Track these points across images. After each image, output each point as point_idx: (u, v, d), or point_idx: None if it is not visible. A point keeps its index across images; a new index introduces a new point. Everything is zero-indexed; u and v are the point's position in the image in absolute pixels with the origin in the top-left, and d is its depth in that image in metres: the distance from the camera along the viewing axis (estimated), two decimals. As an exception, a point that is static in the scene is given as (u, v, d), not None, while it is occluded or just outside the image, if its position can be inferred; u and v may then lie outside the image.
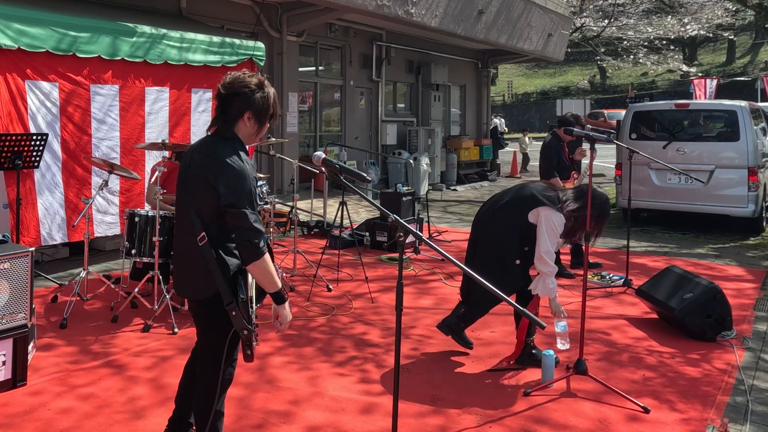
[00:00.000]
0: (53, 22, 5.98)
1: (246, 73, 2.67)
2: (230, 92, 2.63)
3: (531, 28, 15.55)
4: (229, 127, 2.65)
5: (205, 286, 2.59)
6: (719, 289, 4.85)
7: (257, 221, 2.52)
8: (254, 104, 2.62)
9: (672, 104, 9.82)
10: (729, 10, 26.33)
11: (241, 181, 2.51)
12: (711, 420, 3.57)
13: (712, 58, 43.08)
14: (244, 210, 2.49)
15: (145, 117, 6.77)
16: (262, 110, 2.65)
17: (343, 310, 5.52)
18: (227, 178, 2.51)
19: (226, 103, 2.64)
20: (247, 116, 2.64)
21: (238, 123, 2.65)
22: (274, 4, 10.74)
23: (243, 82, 2.62)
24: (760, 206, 8.78)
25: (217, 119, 2.68)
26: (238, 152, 2.59)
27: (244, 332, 2.57)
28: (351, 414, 3.59)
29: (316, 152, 2.78)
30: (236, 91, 2.62)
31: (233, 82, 2.63)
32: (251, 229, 2.50)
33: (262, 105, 2.64)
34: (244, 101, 2.62)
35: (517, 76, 48.66)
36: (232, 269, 2.59)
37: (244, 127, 2.66)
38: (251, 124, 2.66)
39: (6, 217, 5.84)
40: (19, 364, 3.81)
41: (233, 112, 2.63)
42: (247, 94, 2.61)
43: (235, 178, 2.51)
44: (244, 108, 2.62)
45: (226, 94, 2.63)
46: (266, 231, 7.24)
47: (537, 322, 2.25)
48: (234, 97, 2.62)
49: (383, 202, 8.39)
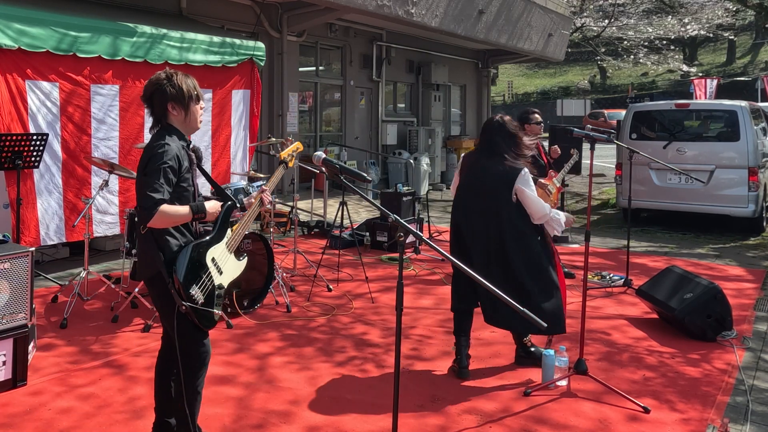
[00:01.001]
0: (53, 22, 5.97)
1: (157, 73, 2.99)
2: (148, 94, 2.96)
3: (531, 28, 15.55)
4: (164, 122, 2.96)
5: (148, 267, 2.89)
6: (719, 289, 4.85)
7: (154, 190, 2.75)
8: (169, 94, 2.92)
9: (672, 104, 9.82)
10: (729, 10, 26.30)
11: (158, 157, 2.79)
12: (711, 420, 3.57)
13: (713, 58, 43.08)
14: (148, 178, 2.77)
15: (144, 117, 6.76)
16: (179, 96, 2.93)
17: (344, 310, 5.52)
18: (149, 156, 2.84)
19: (150, 104, 2.97)
20: (170, 106, 2.93)
21: (168, 115, 2.95)
22: (274, 4, 10.74)
23: (153, 81, 2.96)
24: (760, 206, 8.78)
25: (153, 120, 3.00)
26: (165, 137, 2.87)
27: (182, 308, 2.80)
28: (351, 414, 3.59)
29: (317, 152, 2.83)
30: (152, 91, 2.94)
31: (147, 86, 2.97)
32: (143, 197, 2.76)
33: (177, 92, 2.93)
34: (161, 96, 2.92)
35: (517, 76, 48.65)
36: (172, 249, 2.86)
37: (174, 117, 2.96)
38: (178, 111, 2.95)
39: (6, 217, 5.84)
40: (19, 364, 3.81)
41: (158, 108, 2.95)
42: (160, 90, 2.92)
43: (154, 155, 2.81)
44: (164, 101, 2.92)
45: (146, 97, 2.97)
46: (266, 231, 7.29)
47: (536, 321, 2.25)
48: (152, 97, 2.94)
49: (383, 202, 8.39)
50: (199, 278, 2.88)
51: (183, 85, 2.95)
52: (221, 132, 7.61)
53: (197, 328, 2.92)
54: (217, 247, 3.00)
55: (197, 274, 2.87)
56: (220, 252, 3.00)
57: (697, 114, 10.20)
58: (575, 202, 12.28)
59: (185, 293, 2.81)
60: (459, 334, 4.17)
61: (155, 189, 2.74)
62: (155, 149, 2.82)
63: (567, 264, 7.16)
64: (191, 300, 2.82)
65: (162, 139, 2.86)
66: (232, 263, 3.07)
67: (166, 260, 2.83)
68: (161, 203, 2.74)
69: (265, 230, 7.95)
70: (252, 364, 4.29)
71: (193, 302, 2.82)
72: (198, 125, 3.08)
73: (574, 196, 12.77)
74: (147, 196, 2.74)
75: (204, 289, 2.88)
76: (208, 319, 2.91)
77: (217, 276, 2.96)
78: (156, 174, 2.76)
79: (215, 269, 2.96)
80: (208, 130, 7.44)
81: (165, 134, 2.89)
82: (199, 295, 2.85)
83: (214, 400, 3.73)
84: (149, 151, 2.85)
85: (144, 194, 2.75)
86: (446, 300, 5.79)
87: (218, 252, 2.99)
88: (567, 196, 9.10)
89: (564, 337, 4.84)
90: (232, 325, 4.99)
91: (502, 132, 4.11)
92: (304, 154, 12.14)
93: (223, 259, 3.01)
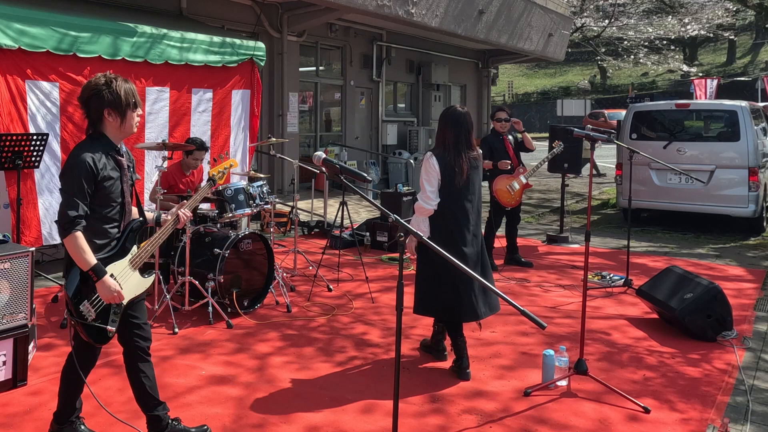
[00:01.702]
0: (54, 22, 5.98)
1: (96, 76, 2.96)
2: (85, 97, 2.92)
3: (531, 28, 15.55)
4: (96, 127, 2.94)
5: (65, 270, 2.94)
6: (720, 289, 4.85)
7: (70, 206, 2.78)
8: (106, 100, 2.88)
9: (672, 104, 9.81)
10: (729, 10, 26.31)
11: (72, 169, 2.80)
12: (711, 420, 3.57)
13: (713, 58, 43.07)
14: (65, 193, 2.80)
15: (145, 117, 6.76)
16: (117, 103, 2.90)
17: (344, 310, 5.52)
18: (64, 168, 2.86)
19: (85, 107, 2.93)
20: (107, 112, 2.90)
21: (103, 121, 2.92)
22: (274, 4, 10.74)
23: (92, 85, 2.91)
24: (760, 206, 8.78)
25: (88, 124, 2.97)
26: (88, 147, 2.86)
27: (71, 322, 2.87)
28: (351, 414, 3.59)
29: (317, 152, 2.82)
30: (89, 95, 2.90)
31: (85, 88, 2.93)
32: (61, 213, 2.78)
33: (115, 99, 2.89)
34: (98, 101, 2.89)
35: (517, 76, 48.64)
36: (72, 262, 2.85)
37: (109, 123, 2.93)
38: (114, 118, 2.92)
39: (6, 217, 5.84)
40: (19, 364, 3.81)
41: (94, 113, 2.92)
42: (97, 95, 2.89)
43: (68, 168, 2.82)
44: (100, 107, 2.89)
45: (83, 99, 2.93)
46: (266, 231, 7.28)
47: (536, 321, 2.24)
48: (89, 101, 2.91)
49: (384, 202, 8.39)
50: (92, 294, 2.86)
51: (121, 92, 2.91)
52: (221, 132, 7.61)
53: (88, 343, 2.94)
54: (119, 263, 2.95)
55: (90, 289, 2.85)
56: (121, 269, 2.95)
57: (697, 114, 10.19)
58: (575, 202, 12.28)
59: (75, 309, 2.82)
60: (456, 336, 4.17)
61: (71, 205, 2.78)
62: (69, 161, 2.85)
63: (567, 264, 7.16)
64: (80, 316, 2.83)
65: (80, 150, 2.86)
66: (134, 280, 3.01)
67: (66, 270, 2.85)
68: (78, 223, 2.77)
69: (265, 230, 7.95)
70: (252, 364, 4.29)
71: (82, 318, 2.83)
72: (133, 131, 3.05)
73: (574, 196, 12.77)
74: (64, 213, 2.78)
75: (96, 305, 2.87)
76: (100, 335, 2.90)
77: None
78: (71, 189, 2.80)
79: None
80: (208, 130, 7.44)
81: (87, 144, 2.90)
82: (89, 311, 2.85)
83: (214, 400, 3.73)
84: (66, 163, 2.87)
85: (61, 210, 2.79)
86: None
87: (119, 268, 2.94)
88: (567, 196, 9.08)
89: (564, 337, 4.85)
90: (232, 325, 4.99)
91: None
92: (304, 154, 12.16)
93: (124, 275, 2.95)
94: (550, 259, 7.46)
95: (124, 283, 2.95)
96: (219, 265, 5.10)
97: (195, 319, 5.17)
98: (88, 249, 2.80)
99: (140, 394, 3.13)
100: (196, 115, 7.32)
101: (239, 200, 5.48)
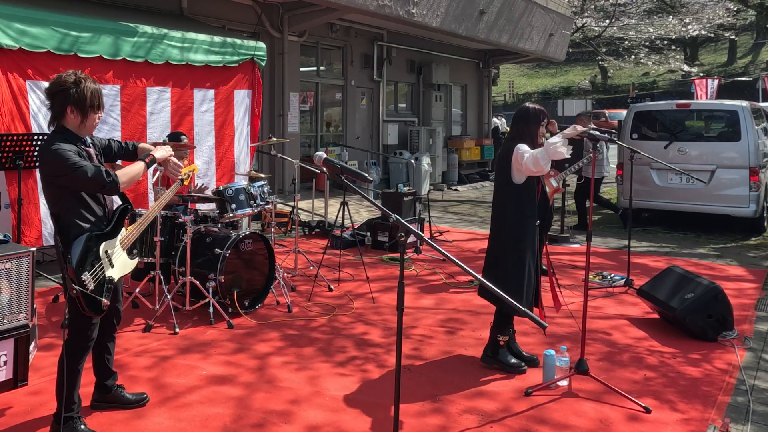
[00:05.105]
0: (54, 22, 5.98)
1: (67, 73, 3.11)
2: (51, 92, 3.08)
3: (532, 28, 15.54)
4: (59, 122, 3.11)
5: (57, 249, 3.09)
6: (720, 289, 4.85)
7: (92, 170, 3.00)
8: (71, 98, 3.05)
9: (673, 104, 9.81)
10: (730, 10, 26.29)
11: (61, 156, 2.96)
12: (712, 420, 3.57)
13: (714, 58, 43.02)
14: (75, 173, 2.97)
15: (146, 117, 6.76)
16: (80, 103, 3.07)
17: (344, 310, 5.52)
18: (52, 159, 2.99)
19: (51, 101, 3.10)
20: (69, 110, 3.07)
21: (65, 117, 3.09)
22: (275, 4, 10.74)
23: (60, 82, 3.07)
24: (761, 206, 8.77)
25: (51, 117, 3.14)
26: (60, 139, 3.04)
27: (73, 291, 2.98)
28: (351, 414, 3.59)
29: (318, 152, 2.84)
30: (56, 90, 3.06)
31: (53, 83, 3.08)
32: (92, 179, 3.00)
33: (80, 98, 3.06)
34: (63, 97, 3.06)
35: (518, 76, 48.61)
36: (71, 237, 3.02)
37: (70, 119, 3.10)
38: (75, 116, 3.09)
39: (7, 217, 5.85)
40: (20, 364, 3.82)
41: (57, 108, 3.09)
42: (64, 92, 3.05)
43: (55, 156, 2.97)
44: (64, 103, 3.06)
45: (50, 94, 3.09)
46: (267, 231, 7.29)
47: (538, 322, 2.25)
48: (55, 96, 3.08)
49: (384, 202, 8.39)
50: (92, 267, 3.07)
51: (88, 93, 3.08)
52: (225, 132, 7.61)
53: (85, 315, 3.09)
54: (112, 241, 3.21)
55: (90, 262, 3.06)
56: (113, 247, 3.22)
57: (698, 114, 10.19)
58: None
59: (77, 278, 2.99)
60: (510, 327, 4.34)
61: (88, 170, 2.98)
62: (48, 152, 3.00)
63: (568, 264, 7.16)
64: (82, 285, 2.99)
65: (52, 141, 3.04)
66: (123, 259, 3.31)
67: (65, 245, 3.01)
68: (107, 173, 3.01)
69: (266, 230, 7.96)
70: (252, 364, 4.30)
71: (83, 287, 2.98)
72: (93, 131, 3.24)
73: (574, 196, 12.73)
74: (92, 179, 2.99)
75: (95, 277, 3.07)
76: (96, 307, 3.09)
77: (108, 268, 3.16)
78: (72, 165, 2.96)
79: (107, 261, 3.16)
80: (212, 130, 7.45)
81: (56, 138, 3.06)
82: (90, 281, 3.04)
83: (214, 400, 3.73)
84: (50, 157, 3.00)
85: (89, 181, 2.99)
86: (447, 300, 5.80)
87: (112, 246, 3.21)
88: (568, 196, 9.08)
89: (565, 337, 4.85)
90: (232, 325, 4.99)
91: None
92: (305, 154, 12.16)
93: (116, 254, 3.23)
94: (551, 259, 7.45)
95: (116, 260, 3.22)
96: (220, 265, 5.10)
97: (196, 319, 5.17)
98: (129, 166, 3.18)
99: (99, 366, 3.49)
100: (198, 114, 7.32)
101: (240, 200, 5.48)
